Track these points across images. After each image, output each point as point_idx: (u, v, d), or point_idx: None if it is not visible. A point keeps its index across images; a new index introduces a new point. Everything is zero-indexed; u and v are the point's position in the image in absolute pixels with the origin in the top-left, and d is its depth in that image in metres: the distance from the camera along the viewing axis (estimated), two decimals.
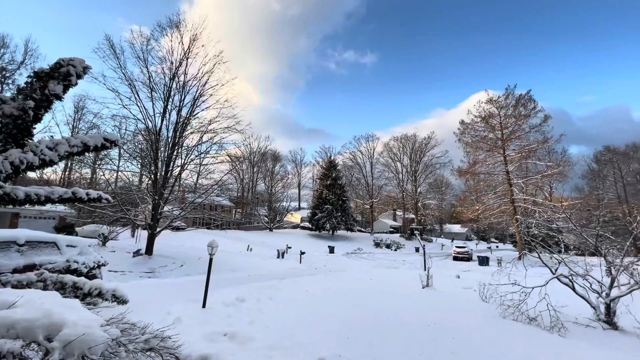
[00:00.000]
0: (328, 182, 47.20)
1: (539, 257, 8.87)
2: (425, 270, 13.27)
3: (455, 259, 30.97)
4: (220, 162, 19.83)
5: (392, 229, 61.97)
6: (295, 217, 63.77)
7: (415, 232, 41.54)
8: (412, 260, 27.42)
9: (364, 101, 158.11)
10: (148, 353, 2.59)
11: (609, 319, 7.35)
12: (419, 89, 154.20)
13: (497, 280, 8.89)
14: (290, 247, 28.47)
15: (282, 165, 69.80)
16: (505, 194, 34.42)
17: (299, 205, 76.04)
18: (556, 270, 8.18)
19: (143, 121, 16.76)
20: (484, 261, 26.77)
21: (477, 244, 53.87)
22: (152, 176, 16.67)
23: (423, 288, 11.34)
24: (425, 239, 50.09)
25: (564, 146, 44.52)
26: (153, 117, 16.77)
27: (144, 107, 16.49)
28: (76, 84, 3.72)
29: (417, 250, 38.06)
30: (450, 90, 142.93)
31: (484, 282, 9.61)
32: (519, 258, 24.61)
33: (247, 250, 26.88)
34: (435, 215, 65.54)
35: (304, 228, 53.75)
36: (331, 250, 33.01)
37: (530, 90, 34.30)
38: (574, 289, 7.89)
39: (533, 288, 7.70)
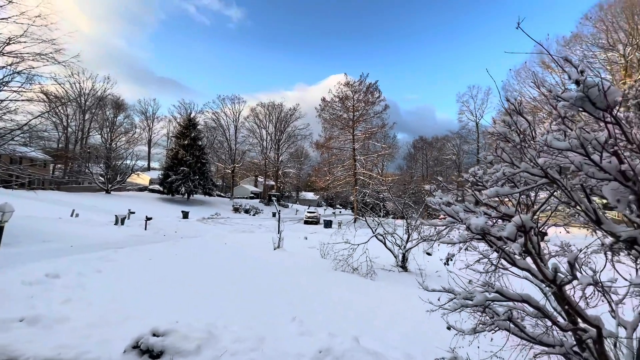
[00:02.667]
0: (186, 142, 42.71)
1: (365, 220, 10.95)
2: (278, 233, 14.26)
3: (306, 222, 34.60)
4: (29, 101, 14.61)
5: (252, 195, 62.88)
6: (143, 179, 55.37)
7: (273, 198, 43.65)
8: (268, 225, 28.85)
9: (227, 58, 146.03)
10: None
11: (404, 264, 9.97)
12: (284, 58, 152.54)
13: (334, 240, 10.51)
14: (133, 212, 24.77)
15: (128, 116, 58.01)
16: (350, 168, 40.35)
17: (149, 165, 66.26)
18: (375, 230, 10.35)
19: None
20: (328, 224, 31.00)
21: (325, 210, 61.57)
22: None
23: (274, 249, 12.22)
24: (283, 204, 53.46)
25: (395, 132, 55.14)
26: None
27: None
28: None
29: (274, 215, 40.25)
30: (312, 66, 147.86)
31: (325, 242, 11.20)
32: (354, 221, 29.76)
33: (72, 216, 21.73)
34: (293, 183, 70.29)
35: (153, 191, 47.59)
36: (185, 215, 30.72)
37: (377, 81, 40.45)
38: (385, 244, 10.22)
39: (358, 245, 9.51)
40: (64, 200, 28.59)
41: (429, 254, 12.19)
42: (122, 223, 19.38)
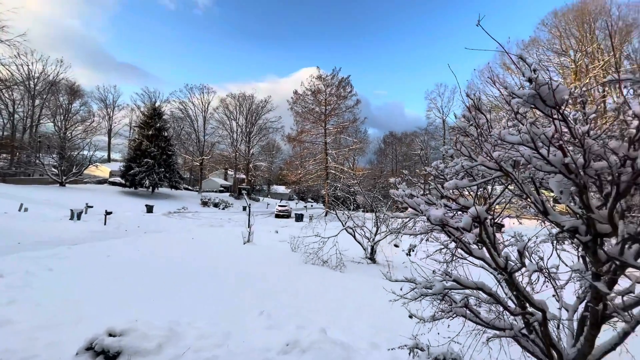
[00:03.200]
0: (150, 133, 40.48)
1: (336, 214, 11.06)
2: (248, 227, 14.02)
3: (277, 216, 34.35)
4: None
5: (222, 188, 61.22)
6: (102, 171, 51.86)
7: (244, 191, 42.87)
8: (237, 219, 28.30)
9: (195, 46, 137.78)
10: None
11: (372, 256, 10.21)
12: (254, 48, 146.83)
13: (305, 234, 10.52)
14: (91, 207, 23.21)
15: (85, 103, 53.65)
16: (322, 162, 40.50)
17: (109, 156, 62.22)
18: (346, 223, 10.48)
19: None
20: (299, 218, 31.00)
21: (296, 203, 61.35)
22: None
23: (244, 244, 12.02)
24: (254, 198, 52.60)
25: (366, 127, 56.12)
26: None
27: None
28: None
29: (244, 209, 39.51)
30: (283, 58, 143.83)
31: (296, 235, 11.18)
32: (325, 215, 30.02)
33: (20, 210, 19.97)
34: (264, 177, 69.23)
35: (114, 184, 44.81)
36: (149, 209, 29.31)
37: (349, 76, 40.74)
38: (354, 236, 10.39)
39: (329, 238, 9.59)
40: (11, 194, 26.21)
41: (396, 245, 12.58)
42: (79, 218, 18.14)
